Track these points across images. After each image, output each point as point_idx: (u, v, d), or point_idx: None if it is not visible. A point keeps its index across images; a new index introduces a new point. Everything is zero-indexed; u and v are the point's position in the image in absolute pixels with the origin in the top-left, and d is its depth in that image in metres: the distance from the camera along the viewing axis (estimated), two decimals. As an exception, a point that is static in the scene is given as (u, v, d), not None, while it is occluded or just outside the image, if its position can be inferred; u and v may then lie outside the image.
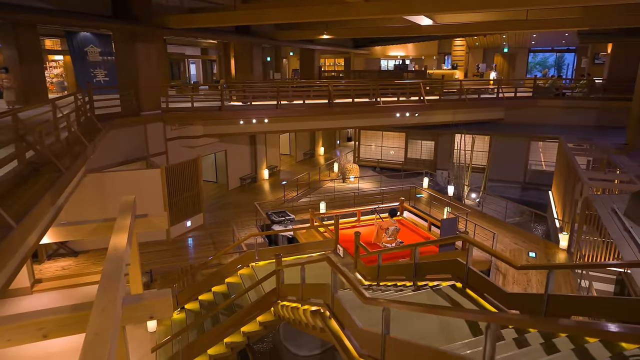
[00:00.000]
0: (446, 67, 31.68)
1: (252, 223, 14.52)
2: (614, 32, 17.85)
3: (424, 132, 22.06)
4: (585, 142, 16.48)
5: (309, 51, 23.48)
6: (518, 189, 20.78)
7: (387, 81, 19.13)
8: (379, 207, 12.93)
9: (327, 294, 5.18)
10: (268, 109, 15.42)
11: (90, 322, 3.99)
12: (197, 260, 11.59)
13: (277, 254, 7.50)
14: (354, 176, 20.27)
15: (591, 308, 4.25)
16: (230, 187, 18.64)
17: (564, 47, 30.69)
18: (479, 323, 4.66)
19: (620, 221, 8.37)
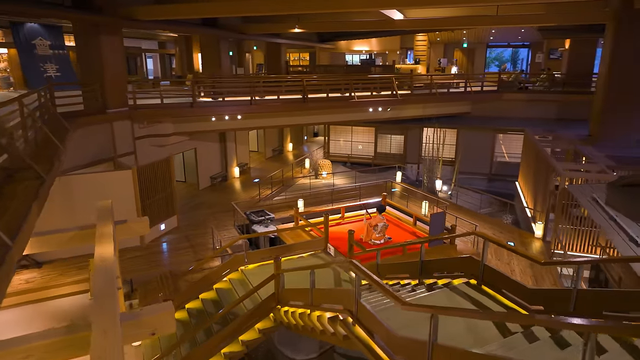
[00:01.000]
0: (409, 62, 32.08)
1: (229, 224, 13.99)
2: (572, 28, 18.66)
3: (393, 127, 22.21)
4: (549, 134, 17.14)
5: (275, 45, 22.96)
6: (485, 180, 21.40)
7: (362, 76, 19.02)
8: (366, 203, 12.80)
9: (348, 300, 4.93)
10: (242, 105, 14.89)
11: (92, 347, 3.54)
12: (176, 266, 10.99)
13: (276, 257, 7.15)
14: (326, 172, 20.09)
15: (622, 302, 4.27)
16: (201, 187, 17.92)
17: (519, 42, 31.89)
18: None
19: (603, 210, 8.66)
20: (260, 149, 23.84)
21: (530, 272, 10.96)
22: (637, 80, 13.47)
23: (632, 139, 13.93)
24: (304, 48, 29.84)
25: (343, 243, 10.35)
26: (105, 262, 5.77)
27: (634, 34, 13.10)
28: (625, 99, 13.67)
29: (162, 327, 5.12)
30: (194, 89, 13.91)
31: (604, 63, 14.18)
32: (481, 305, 5.14)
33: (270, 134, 23.75)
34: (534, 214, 14.48)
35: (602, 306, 4.28)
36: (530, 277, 10.70)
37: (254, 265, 9.22)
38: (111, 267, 5.66)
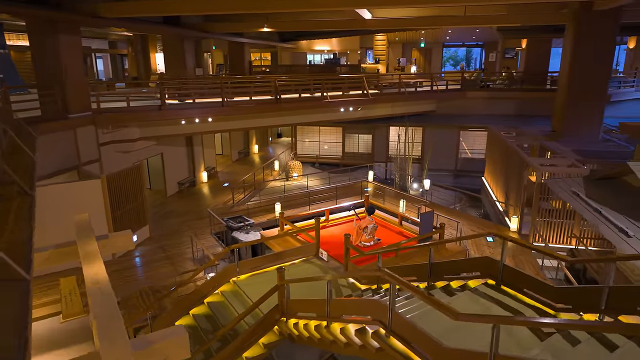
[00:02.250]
0: (370, 62, 32.37)
1: (206, 231, 13.36)
2: (529, 28, 19.51)
3: (360, 126, 22.25)
4: (512, 130, 17.77)
5: (238, 45, 22.32)
6: (451, 176, 21.93)
7: (334, 75, 18.86)
8: (355, 204, 12.61)
9: (379, 310, 4.70)
10: (213, 107, 14.27)
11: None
12: (156, 280, 10.30)
13: (280, 267, 6.80)
14: (297, 174, 19.78)
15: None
16: (169, 193, 17.05)
17: (473, 42, 33.08)
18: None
19: (586, 203, 9.00)
20: (226, 151, 23.12)
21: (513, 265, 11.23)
22: (597, 78, 14.24)
23: (594, 134, 14.71)
24: (265, 48, 29.30)
25: (333, 247, 10.14)
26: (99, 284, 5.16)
27: (593, 34, 13.82)
28: (586, 96, 14.41)
29: (176, 354, 4.65)
30: (162, 91, 13.14)
31: (565, 62, 14.88)
32: (509, 307, 5.09)
33: (235, 136, 23.08)
34: (507, 208, 14.95)
35: (636, 302, 4.32)
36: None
37: (245, 276, 8.78)
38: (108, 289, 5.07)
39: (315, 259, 9.59)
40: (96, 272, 5.31)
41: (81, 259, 5.57)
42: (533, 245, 5.72)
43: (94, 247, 5.97)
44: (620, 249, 7.08)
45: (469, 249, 10.78)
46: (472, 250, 11.99)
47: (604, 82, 14.44)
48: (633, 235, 7.27)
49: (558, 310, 5.00)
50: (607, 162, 12.39)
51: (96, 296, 4.83)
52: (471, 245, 12.36)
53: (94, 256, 5.66)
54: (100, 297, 4.81)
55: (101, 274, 5.33)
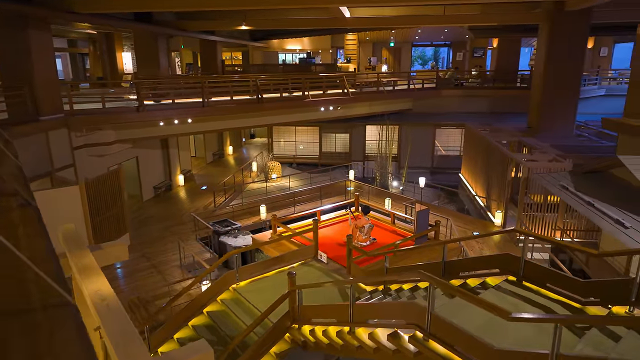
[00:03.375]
0: (342, 61, 32.38)
1: (190, 237, 12.84)
2: (500, 28, 20.04)
3: (337, 125, 22.17)
4: (487, 127, 18.20)
5: (210, 43, 21.68)
6: (427, 173, 22.21)
7: (314, 75, 18.65)
8: (345, 205, 12.43)
9: (415, 313, 4.55)
10: (193, 108, 13.74)
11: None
12: (144, 291, 9.76)
13: (290, 272, 6.53)
14: (276, 175, 19.44)
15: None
16: (145, 198, 16.32)
17: (442, 42, 33.78)
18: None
19: (577, 196, 9.24)
20: (200, 153, 22.44)
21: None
22: (571, 76, 14.78)
23: (568, 129, 15.26)
24: (236, 47, 28.68)
25: (329, 248, 9.94)
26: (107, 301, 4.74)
27: (566, 34, 14.32)
28: (560, 93, 14.93)
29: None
30: (140, 92, 12.50)
31: (540, 60, 15.35)
32: (537, 304, 5.07)
33: (209, 138, 22.45)
34: (488, 203, 15.26)
35: (667, 293, 4.37)
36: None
37: (245, 282, 8.43)
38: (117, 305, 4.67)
39: (314, 261, 9.36)
40: (99, 288, 4.87)
41: (75, 273, 5.09)
42: (556, 239, 5.73)
43: (90, 259, 5.50)
44: (621, 242, 7.27)
45: (462, 246, 10.87)
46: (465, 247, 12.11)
47: (577, 80, 15.02)
48: (630, 227, 7.49)
49: (585, 304, 5.02)
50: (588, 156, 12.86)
51: (105, 314, 4.39)
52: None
53: (92, 270, 5.19)
54: (113, 314, 4.38)
55: (105, 288, 4.88)
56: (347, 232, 10.94)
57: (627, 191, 9.06)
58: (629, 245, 7.06)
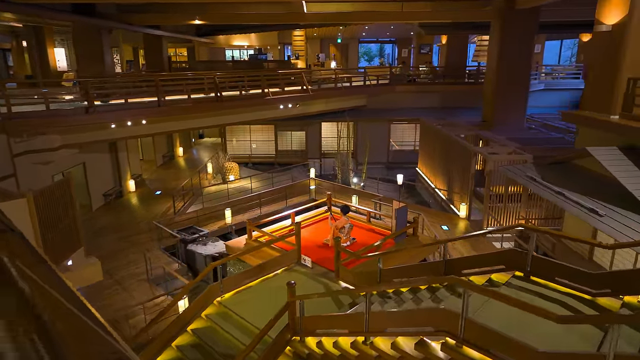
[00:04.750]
0: (290, 57, 31.92)
1: (152, 247, 11.93)
2: (449, 25, 20.67)
3: (292, 123, 21.79)
4: (440, 121, 18.70)
5: (155, 39, 20.37)
6: (383, 169, 22.50)
7: (273, 71, 18.06)
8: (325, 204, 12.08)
9: (446, 319, 4.38)
10: (148, 108, 12.76)
11: None
12: (113, 311, 8.88)
13: (290, 282, 6.15)
14: (233, 176, 18.71)
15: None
16: (95, 207, 15.00)
17: (387, 38, 34.36)
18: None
19: (545, 187, 9.64)
20: (149, 156, 21.08)
21: (474, 251, 11.75)
22: (522, 71, 15.51)
23: (520, 123, 16.03)
24: (180, 43, 27.26)
25: (309, 251, 9.59)
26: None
27: (517, 31, 14.99)
28: (512, 87, 15.63)
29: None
30: (89, 91, 11.36)
31: (492, 56, 15.97)
32: (552, 299, 5.10)
33: (158, 139, 21.15)
34: (450, 196, 15.66)
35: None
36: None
37: (230, 294, 7.89)
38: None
39: (298, 266, 8.99)
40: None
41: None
42: (559, 232, 5.83)
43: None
44: (598, 229, 7.63)
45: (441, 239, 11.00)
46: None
47: (527, 75, 15.81)
48: (605, 214, 7.90)
49: (595, 295, 5.13)
50: (543, 148, 13.57)
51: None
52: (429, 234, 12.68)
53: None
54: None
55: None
56: (324, 233, 10.67)
57: (592, 181, 9.58)
58: (607, 232, 7.45)
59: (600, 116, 9.72)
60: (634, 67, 9.21)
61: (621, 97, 9.37)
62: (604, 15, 9.61)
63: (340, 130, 20.41)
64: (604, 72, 9.76)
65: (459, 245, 11.99)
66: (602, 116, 9.72)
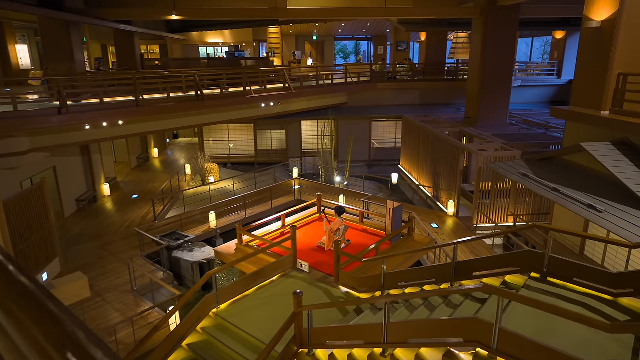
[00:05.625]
0: (265, 54, 31.34)
1: (133, 254, 11.25)
2: (429, 22, 20.65)
3: (272, 122, 21.33)
4: (422, 117, 18.66)
5: (127, 35, 19.42)
6: (365, 167, 22.35)
7: (255, 69, 17.50)
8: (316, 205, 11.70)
9: (477, 329, 4.14)
10: (125, 107, 12.05)
11: None
12: (96, 328, 8.25)
13: (297, 291, 5.78)
14: (213, 177, 18.08)
15: None
16: (67, 214, 14.13)
17: (363, 35, 34.25)
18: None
19: (540, 183, 9.62)
20: (123, 158, 20.15)
21: (468, 250, 11.68)
22: (504, 67, 15.60)
23: (503, 119, 16.13)
24: (152, 40, 26.22)
25: (304, 255, 9.23)
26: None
27: (500, 28, 15.04)
28: (496, 84, 15.71)
29: None
30: (61, 90, 10.58)
31: (475, 53, 15.99)
32: (574, 300, 4.95)
33: (132, 140, 20.24)
34: (436, 193, 15.60)
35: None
36: (470, 254, 11.39)
37: (226, 305, 7.44)
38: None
39: (294, 272, 8.62)
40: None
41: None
42: (584, 233, 5.69)
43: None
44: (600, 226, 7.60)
45: (435, 239, 10.87)
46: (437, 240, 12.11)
47: (510, 71, 15.92)
48: (604, 210, 7.89)
49: (617, 295, 5.01)
50: (528, 143, 13.67)
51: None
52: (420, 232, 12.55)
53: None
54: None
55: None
56: (317, 235, 10.34)
57: (584, 176, 9.62)
58: (609, 229, 7.42)
59: (590, 112, 9.77)
60: (624, 62, 9.28)
61: (611, 92, 9.43)
62: (593, 11, 9.64)
63: (324, 128, 20.10)
64: (594, 68, 9.81)
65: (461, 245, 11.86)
66: (592, 112, 9.77)
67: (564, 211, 11.02)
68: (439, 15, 17.05)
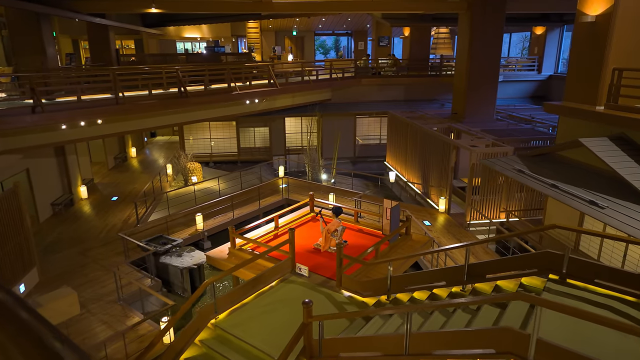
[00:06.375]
0: (245, 50, 30.65)
1: (117, 261, 10.65)
2: (412, 16, 20.50)
3: (255, 119, 20.82)
4: (408, 113, 18.49)
5: (101, 29, 18.48)
6: (350, 163, 22.08)
7: (240, 65, 16.91)
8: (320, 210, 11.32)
9: (514, 340, 3.90)
10: (105, 105, 11.38)
11: None
12: (83, 340, 7.69)
13: (306, 300, 5.43)
14: (196, 177, 17.47)
15: None
16: (42, 218, 13.33)
17: (343, 31, 33.92)
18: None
19: (537, 179, 9.54)
20: (99, 158, 19.24)
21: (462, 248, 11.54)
22: (491, 62, 15.56)
23: (490, 114, 16.12)
24: (127, 34, 25.16)
25: (300, 258, 8.88)
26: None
27: (487, 22, 14.97)
28: (483, 79, 15.66)
29: None
30: (35, 87, 9.86)
31: (462, 48, 15.90)
32: (601, 304, 4.78)
33: (109, 140, 19.34)
34: (425, 190, 15.46)
35: None
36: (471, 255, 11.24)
37: (225, 315, 7.02)
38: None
39: (293, 276, 8.26)
40: None
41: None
42: (605, 233, 5.53)
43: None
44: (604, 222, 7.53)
45: (433, 238, 10.69)
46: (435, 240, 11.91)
47: (496, 66, 15.90)
48: (607, 207, 7.83)
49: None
50: (517, 139, 13.66)
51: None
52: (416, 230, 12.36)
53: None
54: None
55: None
56: (312, 236, 10.00)
57: (580, 172, 9.59)
58: (614, 225, 7.35)
59: (585, 107, 9.74)
60: (619, 57, 9.27)
61: (606, 87, 9.42)
62: (587, 6, 9.60)
63: (310, 125, 19.73)
64: (588, 63, 9.78)
65: (447, 242, 11.74)
66: (587, 107, 9.75)
67: (557, 207, 11.03)
68: (425, 9, 16.88)
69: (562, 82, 22.27)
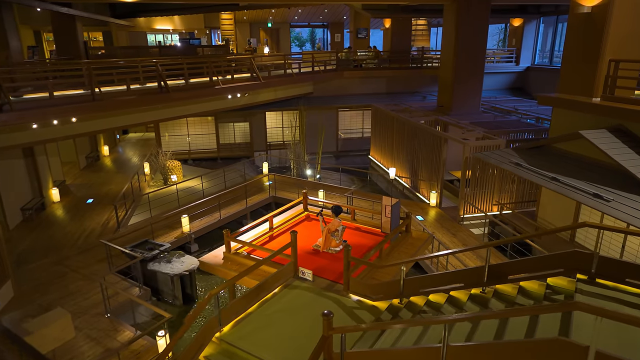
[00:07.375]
0: (220, 42, 29.66)
1: (101, 269, 9.95)
2: (393, 8, 20.22)
3: (235, 114, 20.11)
4: (393, 106, 18.26)
5: (67, 19, 17.30)
6: (332, 158, 21.73)
7: (222, 57, 16.17)
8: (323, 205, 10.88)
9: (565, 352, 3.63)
10: (79, 103, 10.55)
11: None
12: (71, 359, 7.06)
13: (326, 312, 5.04)
14: (176, 176, 16.70)
15: None
16: (12, 225, 12.37)
17: (319, 22, 33.35)
18: None
19: (536, 172, 9.44)
20: (70, 157, 18.11)
21: (459, 242, 11.43)
22: (477, 55, 15.47)
23: (476, 106, 16.06)
24: (94, 26, 23.76)
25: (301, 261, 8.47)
26: None
27: (472, 14, 14.84)
28: (469, 71, 15.56)
29: None
30: (1, 84, 8.98)
31: (448, 41, 15.73)
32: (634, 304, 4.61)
33: (80, 138, 18.23)
34: (413, 184, 15.28)
35: None
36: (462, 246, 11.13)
37: (229, 327, 6.54)
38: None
39: (297, 281, 7.84)
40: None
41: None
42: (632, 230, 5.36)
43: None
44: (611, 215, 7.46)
45: (432, 234, 10.47)
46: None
47: (482, 58, 15.82)
48: (612, 199, 7.77)
49: None
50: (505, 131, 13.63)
51: None
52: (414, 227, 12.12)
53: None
54: None
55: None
56: (307, 236, 9.59)
57: (582, 164, 9.55)
58: (622, 219, 7.29)
59: (581, 98, 9.70)
60: (615, 48, 9.24)
61: (602, 79, 9.39)
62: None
63: (295, 119, 19.22)
64: (584, 54, 9.72)
65: (442, 237, 11.57)
66: (583, 98, 9.71)
67: (550, 198, 11.03)
68: (411, 1, 16.62)
69: (539, 74, 22.77)
